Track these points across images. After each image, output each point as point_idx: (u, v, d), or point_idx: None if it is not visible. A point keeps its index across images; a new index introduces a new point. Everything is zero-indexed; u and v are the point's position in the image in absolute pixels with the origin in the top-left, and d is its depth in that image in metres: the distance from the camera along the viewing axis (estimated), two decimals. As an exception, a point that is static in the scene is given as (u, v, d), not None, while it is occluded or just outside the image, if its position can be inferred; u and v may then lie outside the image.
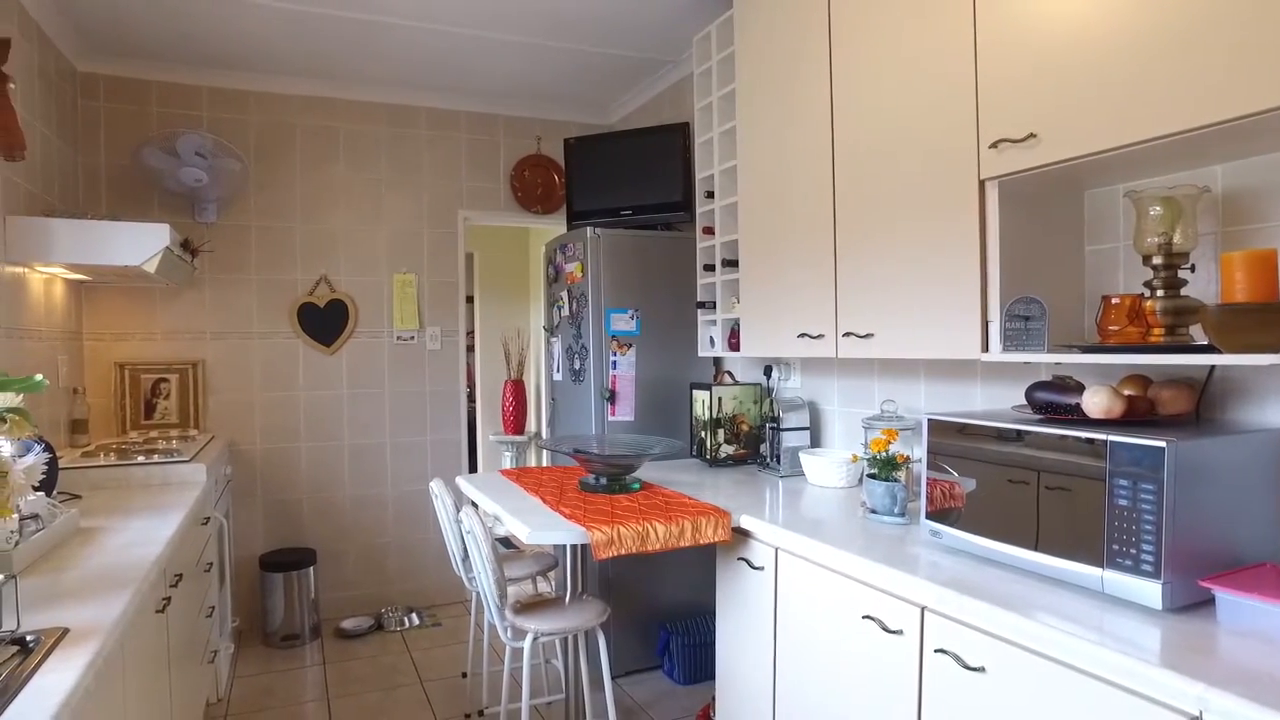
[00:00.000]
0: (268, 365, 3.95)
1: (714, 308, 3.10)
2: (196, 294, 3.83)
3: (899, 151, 2.10)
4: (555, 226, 4.51)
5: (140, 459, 2.81)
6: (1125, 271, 1.87)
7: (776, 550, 2.14)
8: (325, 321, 4.03)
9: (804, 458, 2.73)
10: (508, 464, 5.84)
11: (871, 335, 2.23)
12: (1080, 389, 1.66)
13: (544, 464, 5.90)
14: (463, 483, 2.80)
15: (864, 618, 1.79)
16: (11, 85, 2.52)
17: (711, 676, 2.67)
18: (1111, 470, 1.39)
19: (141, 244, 2.87)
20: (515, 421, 5.82)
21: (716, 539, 2.21)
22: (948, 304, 1.96)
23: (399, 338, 4.18)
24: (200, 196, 3.65)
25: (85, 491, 2.60)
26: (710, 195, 3.09)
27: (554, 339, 3.68)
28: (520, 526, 2.09)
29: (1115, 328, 1.60)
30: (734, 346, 2.98)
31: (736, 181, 2.87)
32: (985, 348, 1.88)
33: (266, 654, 3.66)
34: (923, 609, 1.62)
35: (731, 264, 2.95)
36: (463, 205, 4.30)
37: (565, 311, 3.51)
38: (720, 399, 3.06)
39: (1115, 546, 1.37)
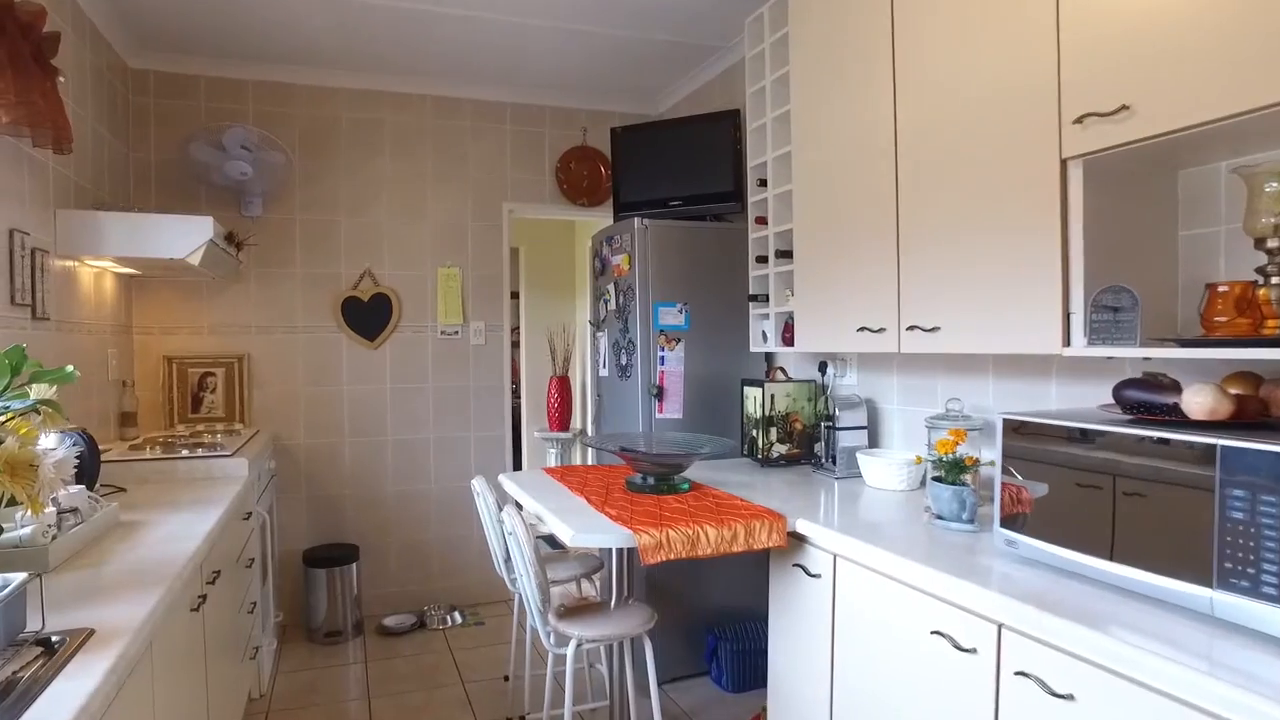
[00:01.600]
0: (312, 359, 3.94)
1: (767, 301, 2.98)
2: (242, 288, 3.83)
3: (969, 131, 1.95)
4: (602, 219, 4.43)
5: (184, 453, 2.80)
6: (1226, 257, 1.70)
7: (835, 557, 2.01)
8: (369, 316, 4.00)
9: (861, 459, 2.59)
10: (553, 461, 5.78)
11: (938, 329, 2.09)
12: (1176, 387, 1.51)
13: (590, 463, 5.83)
14: (505, 481, 2.72)
15: (933, 633, 1.66)
16: (61, 79, 2.52)
17: (761, 684, 2.55)
18: (1224, 479, 1.23)
19: (186, 237, 2.85)
20: (560, 418, 5.75)
21: (771, 544, 2.09)
22: (1024, 295, 1.81)
23: (443, 332, 4.13)
24: (246, 190, 3.65)
25: (130, 484, 2.59)
26: (763, 183, 2.96)
27: (600, 334, 3.59)
28: (563, 528, 2.00)
29: (1223, 319, 1.44)
30: (788, 341, 2.85)
31: (791, 168, 2.74)
32: (1066, 342, 1.73)
33: (309, 650, 3.64)
34: (999, 626, 1.48)
35: (785, 255, 2.82)
36: (507, 198, 4.24)
37: (611, 305, 3.42)
38: (773, 396, 2.93)
39: (1228, 565, 1.22)
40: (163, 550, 1.77)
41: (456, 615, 3.98)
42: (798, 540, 2.14)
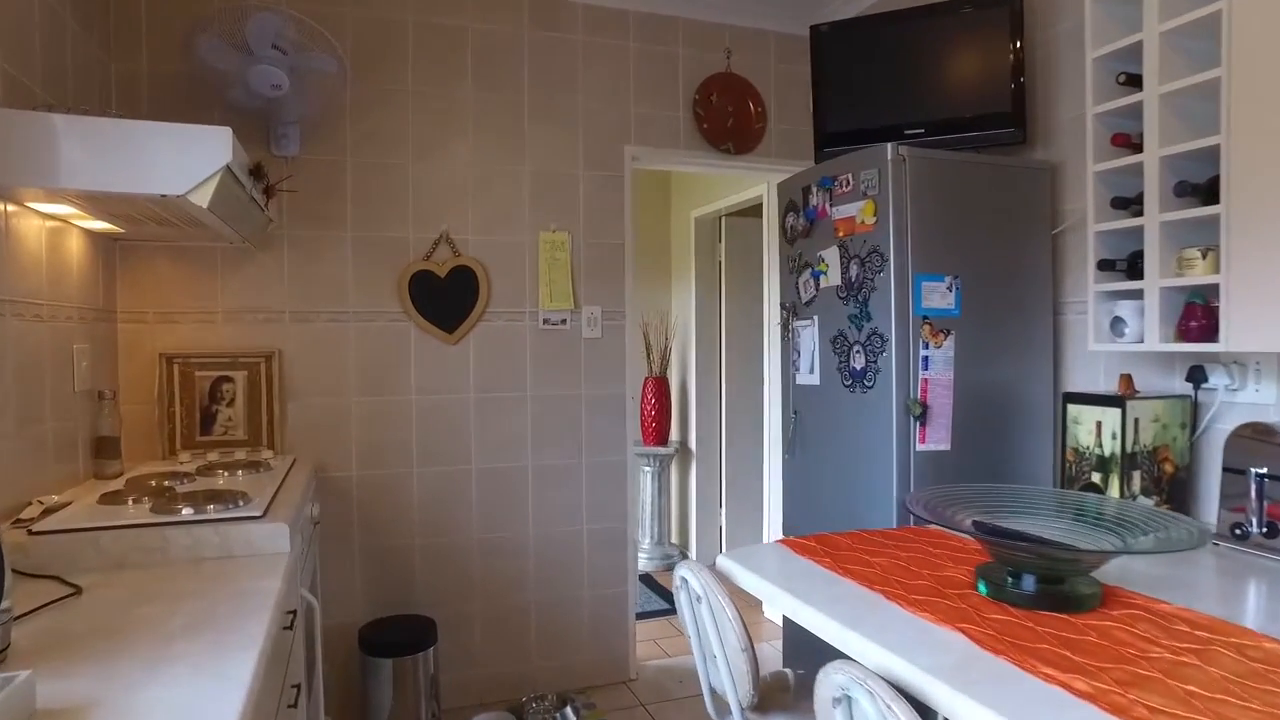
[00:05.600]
0: (367, 358, 2.83)
1: (1125, 271, 1.85)
2: (272, 257, 2.72)
3: None
4: (748, 174, 3.41)
5: (186, 512, 1.70)
6: None
7: None
8: (446, 297, 2.89)
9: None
10: (648, 481, 4.67)
11: None
12: None
13: (770, 501, 4.64)
14: (736, 569, 1.60)
15: None
16: None
17: None
18: None
19: (189, 159, 1.75)
20: (657, 429, 4.66)
21: None
22: None
23: (546, 321, 3.02)
24: (278, 114, 2.54)
25: (93, 575, 1.51)
26: (1130, 81, 1.83)
27: (801, 322, 2.45)
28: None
29: None
30: (1193, 333, 1.71)
31: (1218, 39, 1.62)
32: None
33: (369, 772, 2.55)
34: None
35: (1193, 192, 1.69)
36: (630, 140, 3.12)
37: (834, 280, 2.28)
38: (1137, 421, 1.81)
39: None
40: None
41: (569, 712, 2.86)
42: None
